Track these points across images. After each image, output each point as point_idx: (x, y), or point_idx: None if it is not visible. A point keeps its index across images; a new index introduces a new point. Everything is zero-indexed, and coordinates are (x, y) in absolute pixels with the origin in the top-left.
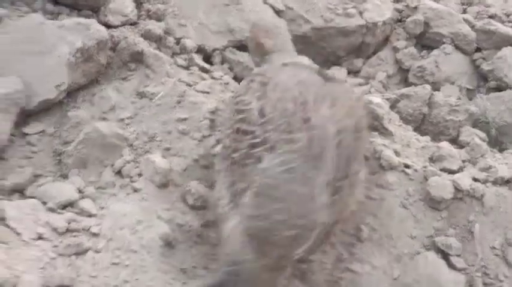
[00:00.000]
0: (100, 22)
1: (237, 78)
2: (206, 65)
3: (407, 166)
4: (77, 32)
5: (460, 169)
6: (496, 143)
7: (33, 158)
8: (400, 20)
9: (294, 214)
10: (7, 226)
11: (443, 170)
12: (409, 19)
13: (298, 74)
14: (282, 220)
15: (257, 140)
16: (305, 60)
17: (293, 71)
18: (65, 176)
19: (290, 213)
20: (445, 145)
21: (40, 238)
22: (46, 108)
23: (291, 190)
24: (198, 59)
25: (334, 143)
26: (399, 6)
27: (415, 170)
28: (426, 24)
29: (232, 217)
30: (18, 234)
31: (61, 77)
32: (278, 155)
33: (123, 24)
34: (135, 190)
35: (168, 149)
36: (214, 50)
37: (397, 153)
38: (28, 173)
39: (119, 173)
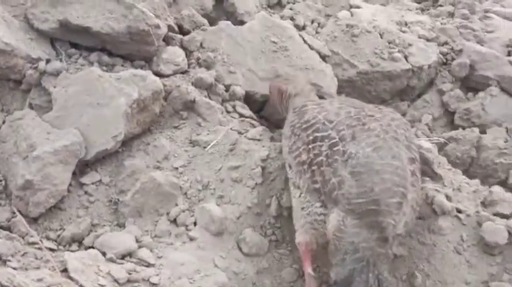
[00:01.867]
0: (152, 71)
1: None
2: (245, 112)
3: (460, 211)
4: (133, 83)
5: None
6: None
7: (90, 208)
8: (445, 63)
9: (395, 182)
10: (70, 278)
11: (496, 214)
12: (454, 62)
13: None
14: (386, 188)
15: (335, 140)
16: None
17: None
18: (121, 225)
19: (392, 181)
20: (497, 189)
21: None
22: (102, 158)
23: (386, 163)
24: (243, 107)
25: (397, 127)
26: (444, 49)
27: (468, 215)
28: (471, 66)
29: (331, 213)
30: (81, 286)
31: (118, 128)
32: (361, 140)
33: (174, 73)
34: (191, 239)
35: (221, 197)
36: (263, 96)
37: (448, 198)
38: (86, 223)
39: (174, 221)
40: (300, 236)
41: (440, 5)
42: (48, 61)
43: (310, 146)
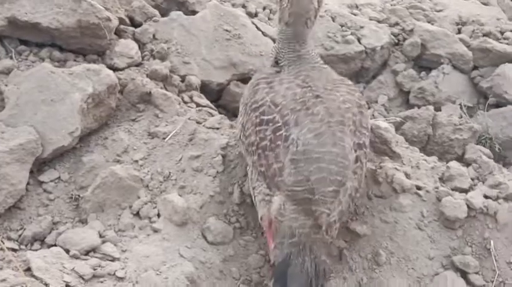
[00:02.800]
0: (106, 65)
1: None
2: (202, 101)
3: (419, 188)
4: (87, 78)
5: (471, 187)
6: (500, 158)
7: (50, 206)
8: (397, 44)
9: (332, 171)
10: (34, 276)
11: (455, 189)
12: (406, 42)
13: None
14: (322, 177)
15: (278, 124)
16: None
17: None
18: (83, 221)
19: (329, 170)
20: (454, 165)
21: (67, 286)
22: (60, 155)
23: (325, 151)
24: (199, 97)
25: (345, 111)
26: (395, 30)
27: (427, 191)
28: (423, 46)
29: (275, 195)
30: (46, 285)
31: (74, 124)
32: (304, 126)
33: (128, 66)
34: (155, 231)
35: (183, 187)
36: (219, 84)
37: (407, 175)
38: (47, 221)
39: (137, 214)
40: (260, 212)
41: None
42: None
43: (257, 129)
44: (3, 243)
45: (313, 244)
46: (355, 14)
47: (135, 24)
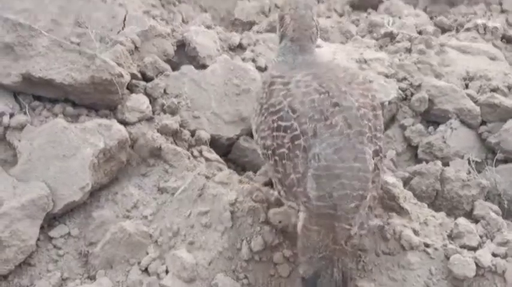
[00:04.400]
0: (117, 120)
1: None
2: (211, 156)
3: (427, 245)
4: (98, 133)
5: (480, 245)
6: (509, 215)
7: (60, 262)
8: (405, 99)
9: (354, 186)
10: None
11: (463, 247)
12: (413, 97)
13: (312, 70)
14: (344, 194)
15: (296, 132)
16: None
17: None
18: (92, 278)
19: (351, 186)
20: (463, 221)
21: None
22: (70, 210)
23: (347, 167)
24: (209, 152)
25: (362, 118)
26: (403, 85)
27: (436, 249)
28: (431, 101)
29: (300, 213)
30: None
31: (85, 179)
32: (324, 139)
33: (139, 121)
34: None
35: (192, 243)
36: (229, 139)
37: (416, 232)
38: (56, 277)
39: (145, 270)
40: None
41: (398, 41)
42: (12, 115)
43: (274, 134)
44: None
45: (339, 254)
46: (363, 69)
47: (146, 78)
